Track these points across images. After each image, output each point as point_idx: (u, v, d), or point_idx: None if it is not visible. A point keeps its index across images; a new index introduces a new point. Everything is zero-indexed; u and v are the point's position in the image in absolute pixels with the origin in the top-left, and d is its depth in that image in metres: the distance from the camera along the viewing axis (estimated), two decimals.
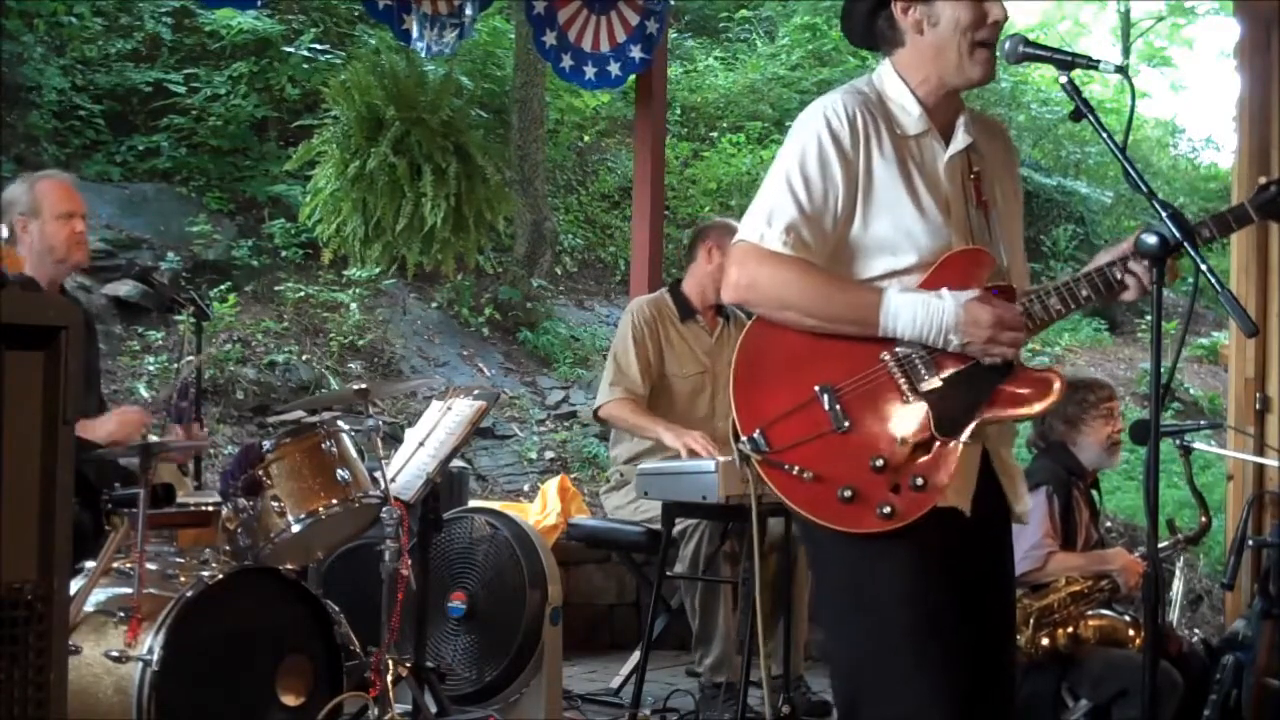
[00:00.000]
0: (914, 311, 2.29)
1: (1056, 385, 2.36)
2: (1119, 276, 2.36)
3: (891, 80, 2.44)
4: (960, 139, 2.44)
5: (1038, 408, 2.38)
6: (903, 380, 2.31)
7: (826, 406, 2.29)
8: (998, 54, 2.41)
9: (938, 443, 2.29)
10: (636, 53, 5.87)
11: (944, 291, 2.31)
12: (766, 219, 2.33)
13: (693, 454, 4.35)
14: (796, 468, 2.27)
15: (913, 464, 2.27)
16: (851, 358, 2.31)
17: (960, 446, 2.30)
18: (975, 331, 2.29)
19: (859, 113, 2.37)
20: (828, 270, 2.34)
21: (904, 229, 2.35)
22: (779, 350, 2.34)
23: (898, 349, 2.32)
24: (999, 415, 2.35)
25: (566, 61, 5.88)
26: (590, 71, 5.90)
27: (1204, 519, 4.31)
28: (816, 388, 2.30)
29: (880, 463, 2.26)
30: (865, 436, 2.28)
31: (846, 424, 2.28)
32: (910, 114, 2.42)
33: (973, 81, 2.43)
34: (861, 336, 2.32)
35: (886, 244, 2.35)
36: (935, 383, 2.31)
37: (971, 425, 2.32)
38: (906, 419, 2.30)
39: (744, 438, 2.29)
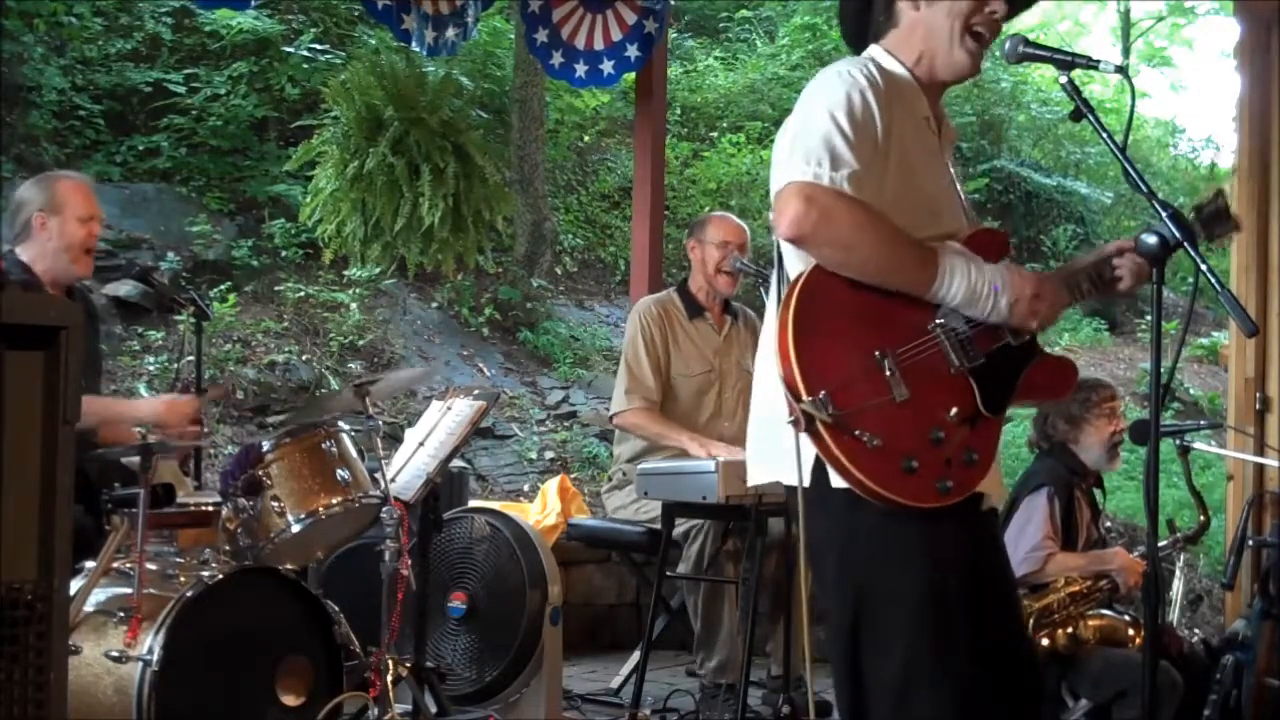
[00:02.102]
0: (968, 267, 2.26)
1: (1076, 372, 2.45)
2: (1112, 271, 2.40)
3: (889, 61, 2.41)
4: (948, 127, 2.46)
5: (1060, 394, 2.45)
6: (952, 353, 2.27)
7: (888, 373, 2.20)
8: (997, 54, 2.42)
9: (983, 419, 2.26)
10: (632, 52, 5.85)
11: None
12: (830, 163, 2.20)
13: None
14: (866, 434, 2.16)
15: (963, 439, 2.23)
16: (903, 325, 2.25)
17: (1000, 425, 2.30)
18: (1021, 288, 2.28)
19: (879, 81, 2.32)
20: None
21: (927, 199, 2.34)
22: (834, 310, 2.23)
23: (940, 320, 2.27)
24: (1027, 398, 2.39)
25: (557, 59, 5.87)
26: (581, 69, 5.89)
27: (1203, 517, 4.32)
28: (876, 353, 2.21)
29: (940, 435, 2.21)
30: (924, 407, 2.21)
31: (906, 393, 2.20)
32: (916, 94, 2.41)
33: (959, 70, 2.41)
34: (907, 304, 2.25)
35: (906, 210, 2.28)
36: (980, 358, 2.28)
37: (1011, 402, 2.33)
38: (958, 392, 2.25)
39: (808, 398, 2.16)
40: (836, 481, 2.22)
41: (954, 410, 2.23)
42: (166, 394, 4.01)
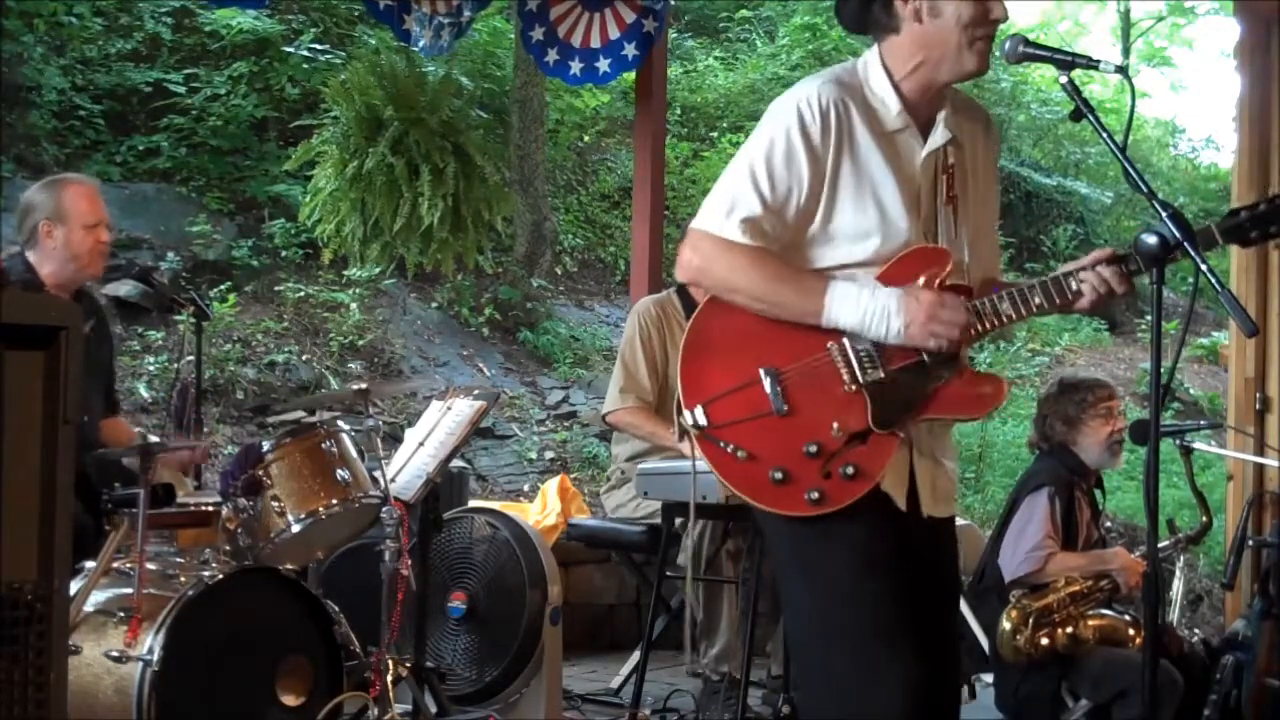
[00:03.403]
0: (858, 297, 2.32)
1: (1003, 389, 2.41)
2: (1074, 286, 2.36)
3: (876, 71, 2.42)
4: (939, 135, 2.43)
5: (980, 411, 2.44)
6: (845, 370, 2.34)
7: (767, 388, 2.33)
8: (997, 54, 2.41)
9: (874, 435, 2.32)
10: (630, 50, 5.83)
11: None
12: (727, 210, 2.35)
13: None
14: (731, 445, 2.32)
15: (847, 453, 2.31)
16: (799, 343, 2.35)
17: (896, 441, 2.33)
18: (913, 310, 2.31)
19: (834, 106, 2.35)
20: (781, 258, 2.36)
21: (865, 225, 2.36)
22: (729, 330, 2.38)
23: (844, 339, 2.35)
24: (940, 414, 2.40)
25: (551, 56, 5.86)
26: (576, 67, 5.88)
27: (1205, 518, 4.31)
28: (760, 369, 2.34)
29: (814, 449, 2.31)
30: (802, 421, 2.32)
31: (785, 407, 2.32)
32: (890, 109, 2.40)
33: (966, 72, 2.41)
34: (812, 325, 2.34)
35: (845, 238, 2.37)
36: (878, 375, 2.34)
37: (910, 421, 2.36)
38: (845, 408, 2.33)
39: (686, 412, 2.35)
40: None
41: (836, 425, 2.31)
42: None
